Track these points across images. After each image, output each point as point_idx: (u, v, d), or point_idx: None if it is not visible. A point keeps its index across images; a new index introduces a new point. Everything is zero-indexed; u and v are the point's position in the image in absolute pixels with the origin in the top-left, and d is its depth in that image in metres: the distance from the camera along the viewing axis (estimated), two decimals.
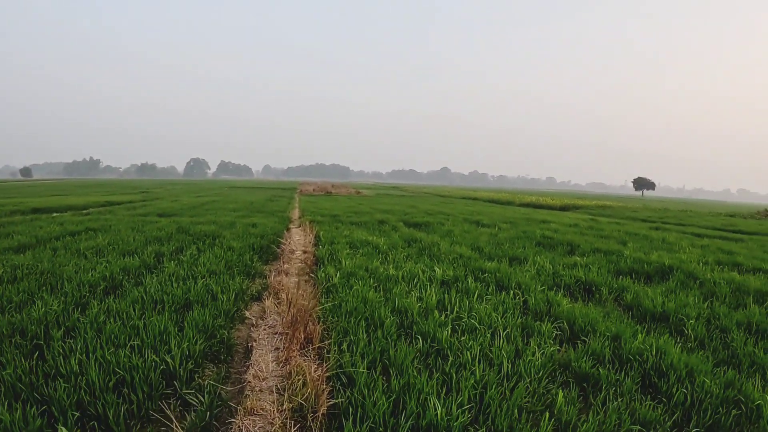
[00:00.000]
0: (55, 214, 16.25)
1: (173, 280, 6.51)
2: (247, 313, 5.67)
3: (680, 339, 5.29)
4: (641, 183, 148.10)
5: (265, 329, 5.10)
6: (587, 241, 12.29)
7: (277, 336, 4.84)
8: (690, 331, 5.47)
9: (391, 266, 7.78)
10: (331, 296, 5.88)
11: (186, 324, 4.77)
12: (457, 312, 5.30)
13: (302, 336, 4.48)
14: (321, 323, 5.00)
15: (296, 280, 7.34)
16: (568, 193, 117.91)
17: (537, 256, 9.75)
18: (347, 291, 6.00)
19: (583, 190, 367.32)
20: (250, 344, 4.74)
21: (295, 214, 21.08)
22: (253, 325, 5.26)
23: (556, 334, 5.11)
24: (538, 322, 5.23)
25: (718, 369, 4.47)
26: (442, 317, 5.06)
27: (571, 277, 7.72)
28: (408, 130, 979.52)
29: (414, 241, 11.23)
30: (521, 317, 5.43)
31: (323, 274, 7.03)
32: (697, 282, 7.96)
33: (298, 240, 11.44)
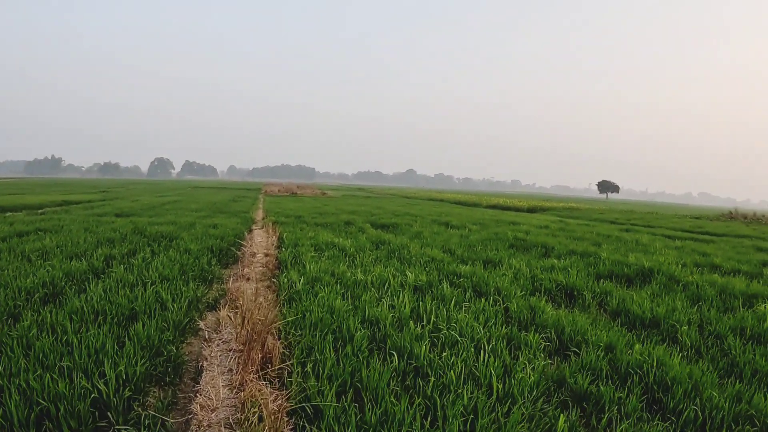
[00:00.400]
0: (8, 214, 15.24)
1: (120, 286, 5.88)
2: (202, 324, 5.07)
3: (675, 347, 5.00)
4: (605, 186, 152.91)
5: (218, 345, 4.50)
6: (561, 243, 12.13)
7: (231, 354, 4.24)
8: (685, 338, 5.20)
9: (359, 270, 7.26)
10: (294, 305, 5.31)
11: (128, 339, 4.15)
12: (434, 322, 4.83)
13: (260, 356, 3.90)
14: (282, 338, 4.43)
15: (256, 286, 6.74)
16: (533, 195, 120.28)
17: (512, 258, 9.45)
18: (312, 299, 5.45)
19: (547, 192, 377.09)
20: (201, 363, 4.13)
21: (259, 214, 20.52)
22: (206, 340, 4.65)
23: (545, 345, 4.71)
24: (523, 333, 4.83)
25: (724, 381, 4.19)
26: (418, 329, 4.57)
27: (550, 281, 7.42)
28: (374, 133, 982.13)
29: (382, 243, 10.75)
30: (505, 327, 5.02)
31: (286, 280, 6.44)
32: (680, 285, 7.82)
33: (260, 242, 10.85)
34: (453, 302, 5.65)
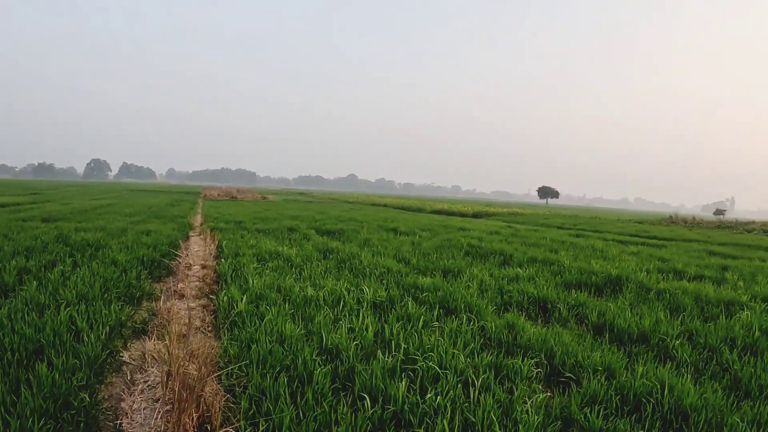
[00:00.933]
0: None
1: (28, 310, 4.89)
2: (126, 355, 4.15)
3: (672, 364, 4.61)
4: (545, 192, 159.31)
5: (143, 392, 3.62)
6: (518, 250, 11.87)
7: (158, 407, 3.36)
8: (682, 354, 4.84)
9: (308, 284, 6.49)
10: (237, 331, 4.46)
11: (26, 387, 3.21)
12: (405, 350, 4.14)
13: (195, 417, 3.05)
14: (225, 379, 3.59)
15: (192, 305, 5.82)
16: (475, 200, 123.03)
17: (471, 267, 8.98)
18: (257, 323, 4.63)
19: (488, 198, 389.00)
20: (119, 421, 3.24)
21: (197, 220, 19.60)
22: (128, 382, 3.76)
23: (536, 372, 4.15)
24: (510, 359, 4.25)
25: (733, 401, 3.82)
26: (388, 359, 3.87)
27: (520, 293, 6.97)
28: (316, 137, 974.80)
29: (330, 251, 9.99)
30: (487, 352, 4.42)
31: (226, 298, 5.55)
32: (652, 293, 7.61)
33: (197, 251, 9.93)
34: (421, 322, 4.99)
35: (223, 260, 8.06)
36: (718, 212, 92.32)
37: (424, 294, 6.39)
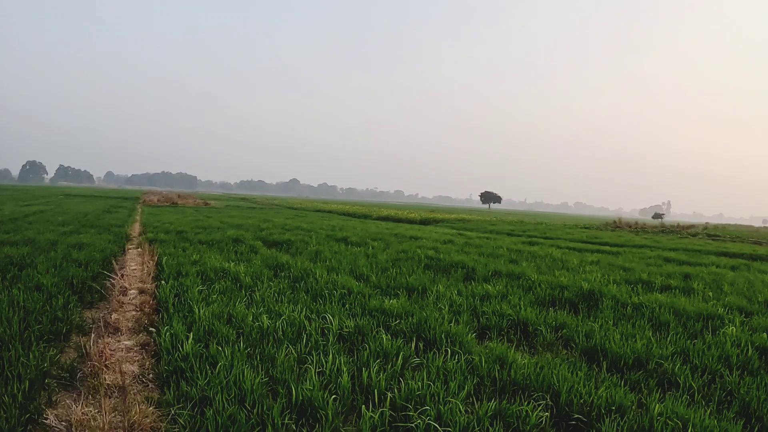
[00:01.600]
0: None
1: None
2: (51, 417, 3.34)
3: (682, 394, 4.27)
4: (488, 197, 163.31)
5: None
6: (478, 261, 11.54)
7: None
8: (683, 380, 4.52)
9: (262, 311, 5.76)
10: (185, 386, 3.66)
11: None
12: (391, 399, 3.53)
13: None
14: None
15: (129, 343, 4.96)
16: (419, 205, 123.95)
17: (435, 284, 8.51)
18: (208, 371, 3.87)
19: (430, 203, 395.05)
20: None
21: (136, 229, 18.27)
22: None
23: (545, 418, 3.66)
24: (513, 404, 3.73)
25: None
26: (375, 415, 3.24)
27: (497, 315, 6.55)
28: (257, 141, 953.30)
29: (281, 267, 9.26)
30: (485, 396, 3.89)
31: (168, 335, 4.69)
32: (629, 308, 7.41)
33: (134, 269, 8.92)
34: (401, 360, 4.39)
35: (163, 282, 7.11)
36: (657, 216, 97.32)
37: (395, 321, 5.80)
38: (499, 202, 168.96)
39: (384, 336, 4.99)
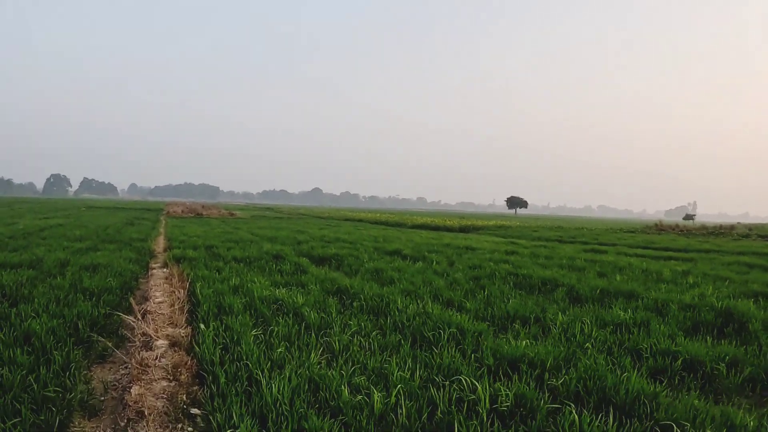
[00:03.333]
0: None
1: None
2: None
3: None
4: (514, 202, 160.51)
5: None
6: (566, 276, 9.77)
7: None
8: None
9: (357, 372, 4.08)
10: None
11: None
12: None
13: None
14: None
15: None
16: (446, 212, 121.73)
17: (542, 310, 6.82)
18: None
19: (453, 209, 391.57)
20: None
21: (160, 243, 16.78)
22: None
23: None
24: None
25: None
26: None
27: (660, 353, 4.86)
28: (279, 150, 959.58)
29: (345, 293, 7.55)
30: None
31: None
32: None
33: (160, 302, 7.12)
34: None
35: (202, 325, 5.38)
36: (687, 217, 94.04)
37: (548, 376, 4.11)
38: (525, 207, 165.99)
39: (571, 413, 3.28)
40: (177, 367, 4.35)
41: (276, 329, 5.29)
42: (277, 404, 3.38)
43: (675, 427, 3.20)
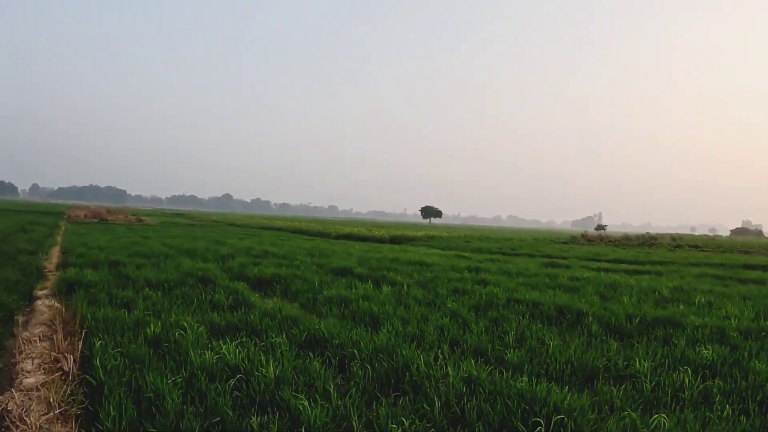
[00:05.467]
0: None
1: None
2: None
3: None
4: (428, 211, 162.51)
5: None
6: (578, 301, 8.11)
7: None
8: None
9: None
10: None
11: None
12: None
13: None
14: None
15: None
16: (361, 221, 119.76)
17: (629, 359, 4.95)
18: None
19: (364, 217, 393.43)
20: None
21: (54, 256, 13.58)
22: None
23: None
24: None
25: None
26: None
27: None
28: (189, 153, 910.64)
29: (325, 346, 5.12)
30: None
31: None
32: None
33: (29, 393, 4.06)
34: None
35: None
36: (599, 227, 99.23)
37: None
38: (440, 217, 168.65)
39: None
40: None
41: None
42: None
43: None
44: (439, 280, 10.49)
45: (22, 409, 3.81)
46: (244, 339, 5.17)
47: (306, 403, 3.48)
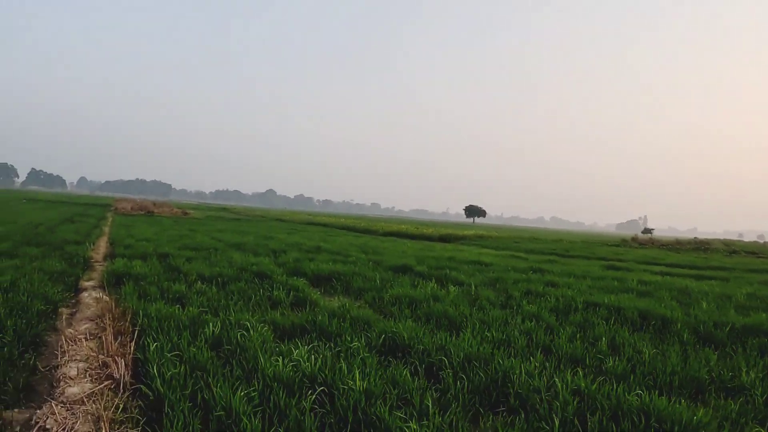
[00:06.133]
0: None
1: None
2: None
3: None
4: (473, 211, 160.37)
5: None
6: (656, 306, 7.57)
7: None
8: None
9: None
10: None
11: None
12: None
13: None
14: None
15: None
16: (404, 219, 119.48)
17: (735, 369, 4.53)
18: None
19: (407, 216, 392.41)
20: None
21: (101, 247, 13.64)
22: None
23: None
24: None
25: None
26: None
27: None
28: (233, 150, 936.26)
29: (407, 352, 4.80)
30: None
31: None
32: None
33: (73, 404, 3.54)
34: None
35: None
36: (646, 231, 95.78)
37: None
38: (484, 216, 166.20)
39: None
40: None
41: None
42: None
43: None
44: (505, 281, 10.07)
45: (64, 428, 3.21)
46: (315, 343, 4.84)
47: (410, 424, 3.14)
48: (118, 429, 3.23)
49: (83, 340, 4.93)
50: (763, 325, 6.60)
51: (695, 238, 72.27)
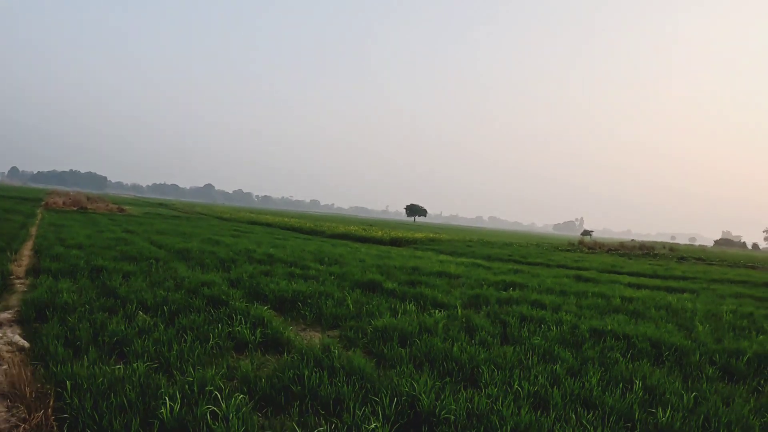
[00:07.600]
0: None
1: None
2: None
3: None
4: (413, 210, 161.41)
5: None
6: (658, 333, 7.06)
7: None
8: None
9: None
10: None
11: None
12: None
13: None
14: None
15: None
16: (345, 217, 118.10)
17: None
18: None
19: (347, 213, 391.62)
20: None
21: (24, 257, 11.50)
22: None
23: None
24: None
25: None
26: None
27: None
28: (170, 142, 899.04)
29: (420, 421, 3.84)
30: None
31: None
32: None
33: None
34: None
35: None
36: (586, 233, 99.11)
37: None
38: (425, 215, 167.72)
39: None
40: None
41: None
42: None
43: None
44: (488, 300, 9.36)
45: None
46: (311, 418, 3.81)
47: None
48: None
49: None
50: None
51: (633, 240, 75.48)
